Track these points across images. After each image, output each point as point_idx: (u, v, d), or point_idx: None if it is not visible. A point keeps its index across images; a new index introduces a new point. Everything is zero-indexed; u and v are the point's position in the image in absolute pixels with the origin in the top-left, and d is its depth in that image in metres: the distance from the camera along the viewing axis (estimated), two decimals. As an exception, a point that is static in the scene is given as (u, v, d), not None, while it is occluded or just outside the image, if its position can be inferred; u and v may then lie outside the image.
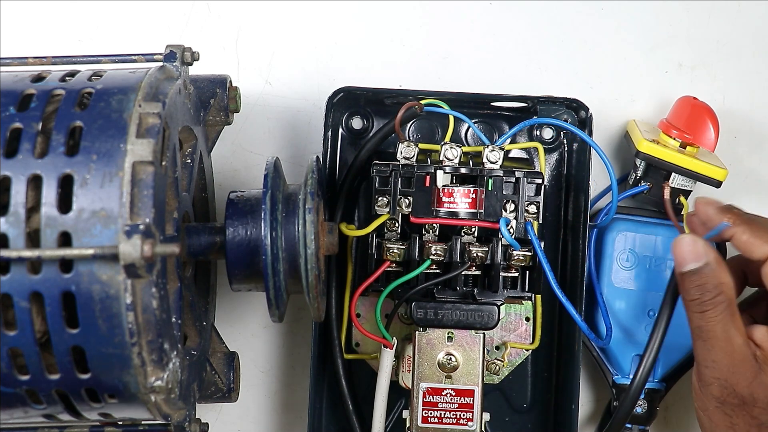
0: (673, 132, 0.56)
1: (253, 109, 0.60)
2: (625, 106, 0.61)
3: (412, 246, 0.52)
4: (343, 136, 0.58)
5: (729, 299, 0.45)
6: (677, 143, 0.56)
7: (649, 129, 0.58)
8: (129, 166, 0.40)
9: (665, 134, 0.56)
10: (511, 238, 0.50)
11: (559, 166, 0.58)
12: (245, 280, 0.48)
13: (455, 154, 0.51)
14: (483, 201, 0.51)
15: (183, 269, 0.47)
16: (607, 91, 0.61)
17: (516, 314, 0.57)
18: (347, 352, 0.56)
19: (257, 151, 0.60)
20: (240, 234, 0.47)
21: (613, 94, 0.61)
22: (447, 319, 0.51)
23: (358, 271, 0.55)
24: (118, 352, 0.40)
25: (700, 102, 0.57)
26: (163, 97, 0.43)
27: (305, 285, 0.46)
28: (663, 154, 0.55)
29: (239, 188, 0.50)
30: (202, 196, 0.55)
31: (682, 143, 0.56)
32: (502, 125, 0.58)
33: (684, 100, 0.58)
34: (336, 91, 0.55)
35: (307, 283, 0.46)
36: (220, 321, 0.58)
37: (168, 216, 0.45)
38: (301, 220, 0.46)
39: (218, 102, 0.53)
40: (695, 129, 0.56)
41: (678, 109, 0.58)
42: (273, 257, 0.45)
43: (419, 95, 0.54)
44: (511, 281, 0.53)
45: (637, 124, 0.58)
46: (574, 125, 0.56)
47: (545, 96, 0.56)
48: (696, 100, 0.57)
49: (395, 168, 0.51)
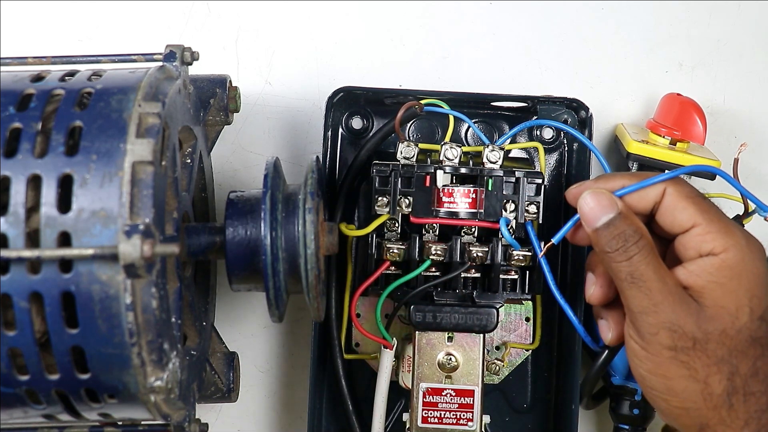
0: (661, 130, 0.56)
1: (252, 109, 0.60)
2: (625, 106, 0.61)
3: (412, 246, 0.52)
4: (343, 136, 0.58)
5: (650, 242, 0.44)
6: (667, 141, 0.56)
7: (638, 130, 0.58)
8: (129, 166, 0.40)
9: (654, 133, 0.56)
10: (511, 238, 0.50)
11: (560, 166, 0.58)
12: (245, 280, 0.48)
13: (455, 154, 0.51)
14: (483, 201, 0.51)
15: (183, 269, 0.47)
16: (608, 90, 0.61)
17: (516, 314, 0.57)
18: (347, 352, 0.56)
19: (257, 151, 0.60)
20: (240, 234, 0.47)
21: (614, 94, 0.61)
22: (446, 322, 0.51)
23: (358, 271, 0.55)
24: (117, 352, 0.40)
25: (685, 97, 0.57)
26: (163, 96, 0.43)
27: (305, 285, 0.46)
28: (653, 153, 0.55)
29: (239, 188, 0.50)
30: (201, 196, 0.55)
31: (672, 140, 0.56)
32: (503, 125, 0.58)
33: (669, 97, 0.57)
34: (336, 91, 0.55)
35: (307, 283, 0.46)
36: (220, 321, 0.58)
37: (168, 216, 0.45)
38: (301, 220, 0.46)
39: (218, 102, 0.53)
40: (683, 125, 0.56)
41: (664, 106, 0.58)
42: (273, 257, 0.45)
43: (419, 95, 0.54)
44: (510, 283, 0.53)
45: (625, 127, 0.58)
46: (574, 125, 0.56)
47: (545, 96, 0.56)
48: (680, 96, 0.57)
49: (395, 168, 0.51)
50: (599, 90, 0.61)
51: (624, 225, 0.44)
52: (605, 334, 0.48)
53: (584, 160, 0.56)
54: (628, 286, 0.44)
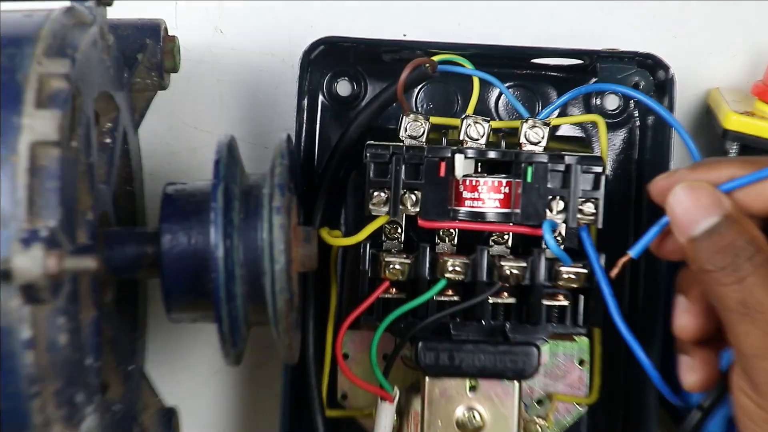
0: None
1: (198, 68, 0.61)
2: (722, 64, 0.61)
3: (420, 260, 0.52)
4: (325, 106, 0.59)
5: None
6: None
7: (740, 98, 0.58)
8: (26, 148, 0.40)
9: (763, 101, 0.57)
10: (558, 249, 0.51)
11: (628, 149, 0.59)
12: (188, 307, 0.48)
13: (481, 132, 0.52)
14: (520, 197, 0.51)
15: (101, 292, 0.48)
16: (697, 42, 0.61)
17: (566, 355, 0.57)
18: (330, 407, 0.56)
19: (204, 126, 0.61)
20: (181, 243, 0.47)
21: (706, 47, 0.61)
22: (467, 365, 0.52)
23: (346, 294, 0.56)
24: (12, 406, 0.40)
25: None
26: (73, 51, 0.44)
27: (272, 314, 0.47)
28: (762, 129, 0.56)
29: (179, 179, 0.50)
30: (126, 189, 0.55)
31: None
32: (548, 91, 0.59)
33: None
34: (314, 43, 0.55)
35: (275, 311, 0.46)
36: (154, 364, 0.59)
37: (80, 218, 0.46)
38: (266, 223, 0.46)
39: (148, 58, 0.53)
40: None
41: None
42: (227, 275, 0.46)
43: (431, 49, 0.55)
44: (558, 311, 0.54)
45: (722, 93, 0.58)
46: (649, 91, 0.57)
47: (608, 50, 0.56)
48: None
49: (397, 151, 0.51)
50: (685, 42, 0.61)
51: (733, 233, 0.45)
52: (686, 376, 0.49)
53: (663, 139, 0.56)
54: (738, 318, 0.44)
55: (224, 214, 0.46)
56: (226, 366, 0.53)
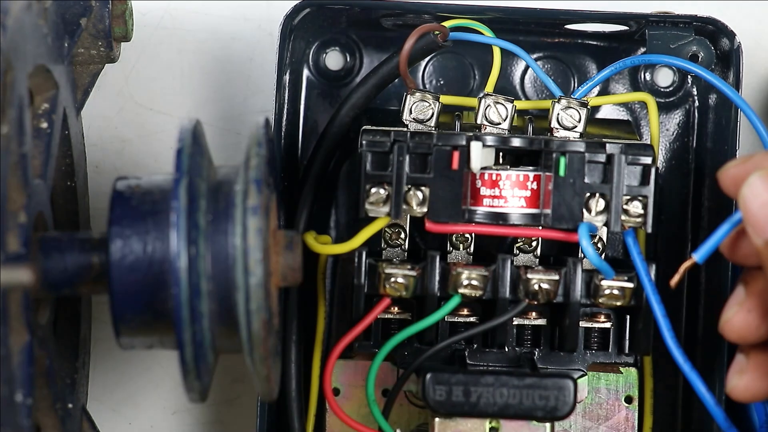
0: None
1: (154, 36, 0.61)
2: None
3: (428, 272, 0.53)
4: (311, 83, 0.59)
5: None
6: None
7: None
8: (-55, 134, 0.41)
9: None
10: (599, 258, 0.51)
11: (685, 134, 0.60)
12: (143, 329, 0.48)
13: (503, 115, 0.53)
14: (551, 195, 0.52)
15: (36, 312, 0.48)
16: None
17: (609, 391, 0.57)
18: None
19: (162, 108, 0.61)
20: (134, 251, 0.47)
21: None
22: (486, 402, 0.52)
23: (337, 314, 0.56)
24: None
25: None
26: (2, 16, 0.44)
27: (245, 339, 0.47)
28: None
29: (132, 173, 0.50)
30: (67, 185, 0.55)
31: None
32: (586, 64, 0.60)
33: None
34: (298, 6, 0.56)
35: (249, 334, 0.47)
36: (97, 402, 0.59)
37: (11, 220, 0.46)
38: (239, 227, 0.47)
39: (94, 24, 0.53)
40: None
41: None
42: (191, 291, 0.46)
43: (441, 12, 0.55)
44: (598, 336, 0.54)
45: None
46: (709, 64, 0.57)
47: (660, 13, 0.57)
48: None
49: (400, 138, 0.52)
50: (754, 4, 0.62)
51: None
52: (733, 377, 0.49)
53: (727, 123, 0.57)
54: None
55: (188, 216, 0.46)
56: (188, 403, 0.53)
